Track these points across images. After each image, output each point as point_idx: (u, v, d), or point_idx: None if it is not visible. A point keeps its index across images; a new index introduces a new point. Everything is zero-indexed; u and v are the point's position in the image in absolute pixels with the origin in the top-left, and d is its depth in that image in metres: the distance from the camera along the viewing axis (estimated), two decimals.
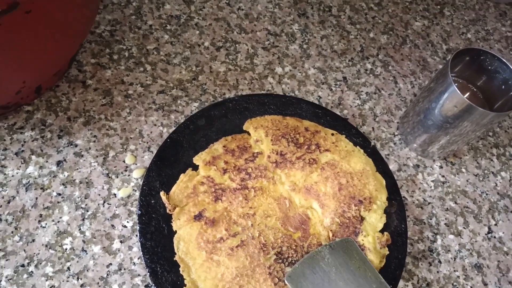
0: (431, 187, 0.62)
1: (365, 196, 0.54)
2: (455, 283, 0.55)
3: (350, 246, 0.51)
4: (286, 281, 0.49)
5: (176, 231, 0.50)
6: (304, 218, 0.52)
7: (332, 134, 0.59)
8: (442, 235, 0.59)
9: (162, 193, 0.51)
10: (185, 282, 0.47)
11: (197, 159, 0.54)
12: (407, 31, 0.77)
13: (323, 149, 0.57)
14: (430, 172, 0.63)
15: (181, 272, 0.48)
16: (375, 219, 0.53)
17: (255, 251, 0.49)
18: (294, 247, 0.50)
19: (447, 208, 0.61)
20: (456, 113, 0.55)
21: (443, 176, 0.63)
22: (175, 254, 0.49)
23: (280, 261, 0.49)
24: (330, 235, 0.51)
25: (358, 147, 0.59)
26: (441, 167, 0.64)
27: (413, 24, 0.78)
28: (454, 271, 0.56)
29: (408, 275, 0.55)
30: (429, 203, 0.61)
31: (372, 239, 0.51)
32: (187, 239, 0.49)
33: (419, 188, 0.62)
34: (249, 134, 0.58)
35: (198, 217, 0.50)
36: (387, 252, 0.51)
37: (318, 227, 0.52)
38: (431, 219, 0.59)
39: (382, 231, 0.53)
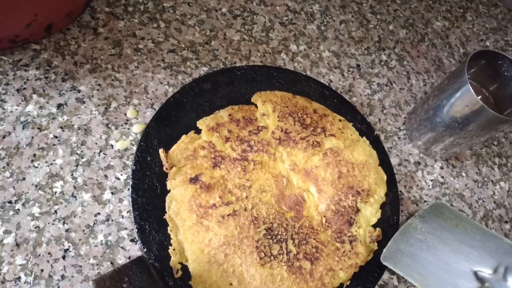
0: (429, 185, 0.61)
1: (364, 188, 0.53)
2: None
3: (440, 209, 0.49)
4: (382, 261, 0.47)
5: (169, 191, 0.49)
6: (299, 199, 0.51)
7: (340, 120, 0.58)
8: None
9: (161, 150, 0.50)
10: (172, 242, 0.46)
11: (201, 123, 0.53)
12: (427, 29, 0.76)
13: (328, 133, 0.56)
14: (430, 171, 0.63)
15: (168, 232, 0.47)
16: (370, 212, 0.52)
17: (246, 222, 0.48)
18: (285, 226, 0.49)
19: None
20: (466, 113, 0.54)
21: (442, 177, 0.63)
22: (166, 213, 0.48)
23: (269, 237, 0.48)
24: (323, 220, 0.51)
25: (364, 137, 0.58)
26: (441, 167, 0.63)
27: (434, 23, 0.77)
28: None
29: None
30: (425, 201, 0.60)
31: (363, 232, 0.51)
32: (179, 199, 0.48)
33: (417, 185, 0.61)
34: (256, 106, 0.57)
35: (194, 180, 0.49)
36: (376, 248, 0.51)
37: (312, 211, 0.51)
38: None
39: (375, 226, 0.52)
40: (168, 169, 0.50)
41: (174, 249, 0.46)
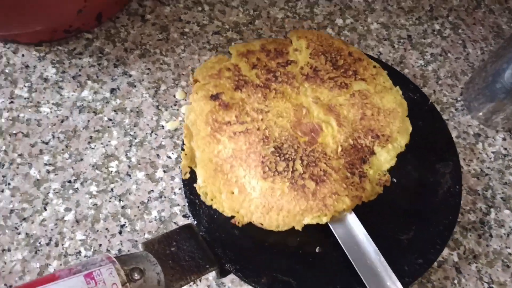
0: (490, 158, 0.58)
1: (384, 133, 0.51)
2: (505, 260, 0.52)
3: None
4: None
5: (191, 103, 0.50)
6: (316, 128, 0.50)
7: (374, 67, 0.56)
8: (497, 208, 0.55)
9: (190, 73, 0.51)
10: (185, 147, 0.47)
11: (233, 48, 0.54)
12: None
13: (359, 77, 0.54)
14: (492, 143, 0.59)
15: (183, 138, 0.48)
16: (385, 158, 0.50)
17: (256, 139, 0.48)
18: (296, 148, 0.48)
19: (506, 182, 0.56)
20: None
21: (505, 149, 0.59)
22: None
23: (277, 154, 0.47)
24: (339, 149, 0.49)
25: (398, 87, 0.55)
26: (504, 139, 0.59)
27: None
28: (506, 247, 0.53)
29: (455, 244, 0.52)
30: (486, 174, 0.57)
31: (373, 173, 0.49)
32: (198, 112, 0.49)
33: (478, 158, 0.58)
34: (291, 42, 0.56)
35: (215, 97, 0.50)
36: (381, 191, 0.48)
37: (329, 139, 0.49)
38: (486, 191, 0.56)
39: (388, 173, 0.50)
40: (192, 84, 0.50)
41: (186, 154, 0.47)
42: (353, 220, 0.46)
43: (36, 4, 0.44)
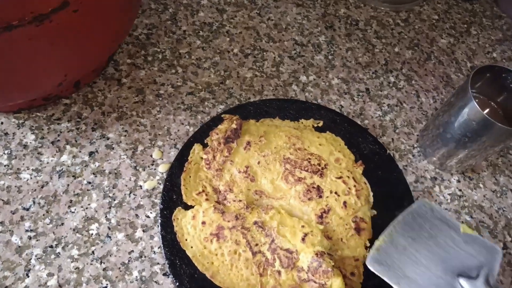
0: (447, 200, 0.63)
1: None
2: None
3: (419, 211, 0.48)
4: (369, 266, 0.44)
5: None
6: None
7: None
8: None
9: None
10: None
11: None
12: (432, 47, 0.79)
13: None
14: (447, 185, 0.64)
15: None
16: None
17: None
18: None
19: (462, 222, 0.61)
20: (474, 128, 0.56)
21: (460, 190, 0.64)
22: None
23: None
24: None
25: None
26: (458, 181, 0.65)
27: (439, 41, 0.80)
28: None
29: None
30: None
31: None
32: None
33: (435, 200, 0.62)
34: None
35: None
36: None
37: None
38: None
39: None
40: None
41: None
42: None
43: (19, 81, 0.47)
